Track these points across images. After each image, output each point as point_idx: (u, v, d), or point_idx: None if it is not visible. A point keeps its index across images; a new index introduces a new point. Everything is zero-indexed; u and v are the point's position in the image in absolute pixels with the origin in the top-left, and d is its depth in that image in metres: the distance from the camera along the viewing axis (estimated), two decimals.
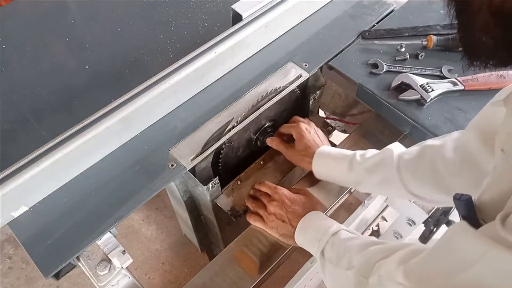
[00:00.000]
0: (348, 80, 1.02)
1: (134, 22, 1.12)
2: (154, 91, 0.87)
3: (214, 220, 1.09)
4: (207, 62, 0.93)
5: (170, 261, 1.86)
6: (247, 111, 0.94)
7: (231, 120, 0.93)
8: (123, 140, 0.90)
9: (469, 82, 0.97)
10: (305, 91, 1.11)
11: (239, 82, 1.00)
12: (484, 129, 0.67)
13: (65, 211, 0.81)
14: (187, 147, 0.88)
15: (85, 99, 0.96)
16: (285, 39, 1.08)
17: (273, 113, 1.04)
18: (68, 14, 1.15)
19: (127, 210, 0.80)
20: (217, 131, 0.91)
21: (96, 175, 0.86)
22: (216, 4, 1.16)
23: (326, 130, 1.16)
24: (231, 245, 0.91)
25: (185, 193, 1.05)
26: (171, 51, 1.05)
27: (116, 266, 0.78)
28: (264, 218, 0.89)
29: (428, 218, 1.10)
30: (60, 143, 0.79)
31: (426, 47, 1.04)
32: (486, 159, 0.67)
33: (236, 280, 0.85)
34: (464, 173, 0.72)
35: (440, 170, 0.75)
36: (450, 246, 0.49)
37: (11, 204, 0.78)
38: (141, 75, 0.96)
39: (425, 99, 0.94)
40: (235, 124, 0.93)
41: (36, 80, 1.00)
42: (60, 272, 0.81)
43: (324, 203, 0.93)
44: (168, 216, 1.98)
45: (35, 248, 0.77)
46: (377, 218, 1.45)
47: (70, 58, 1.05)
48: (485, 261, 0.42)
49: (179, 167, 0.86)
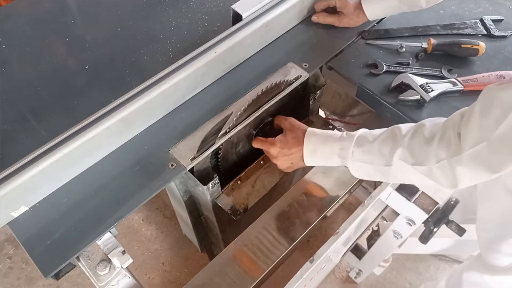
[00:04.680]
0: (348, 80, 1.02)
1: (134, 22, 1.12)
2: (154, 91, 0.87)
3: (214, 220, 1.09)
4: (207, 62, 0.93)
5: (170, 261, 1.86)
6: (247, 106, 0.93)
7: (231, 114, 0.92)
8: (123, 140, 0.90)
9: (468, 82, 0.97)
10: (305, 91, 1.12)
11: (239, 82, 1.00)
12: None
13: (65, 211, 0.81)
14: (187, 147, 0.88)
15: (85, 99, 0.96)
16: (285, 39, 1.09)
17: (273, 107, 1.04)
18: (68, 14, 1.15)
19: (127, 210, 0.80)
20: (216, 126, 0.91)
21: (96, 175, 0.86)
22: (216, 4, 1.16)
23: (326, 130, 1.15)
24: (231, 245, 0.91)
25: (185, 193, 1.05)
26: (171, 51, 1.05)
27: (116, 266, 0.78)
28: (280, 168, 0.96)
29: (428, 218, 1.10)
30: (60, 143, 0.79)
31: (426, 51, 1.05)
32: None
33: (236, 280, 0.85)
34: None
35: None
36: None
37: (11, 204, 0.78)
38: (141, 75, 0.96)
39: (425, 99, 0.95)
40: (232, 126, 0.93)
41: (36, 80, 1.00)
42: (60, 272, 0.81)
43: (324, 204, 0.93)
44: (168, 216, 1.98)
45: (35, 248, 0.77)
46: (377, 218, 1.45)
47: (70, 58, 1.05)
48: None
49: (179, 167, 0.86)
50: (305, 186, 1.00)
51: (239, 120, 0.92)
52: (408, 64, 1.03)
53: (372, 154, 0.81)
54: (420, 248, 1.63)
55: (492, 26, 1.10)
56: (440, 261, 1.90)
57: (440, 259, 1.90)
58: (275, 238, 0.91)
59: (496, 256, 1.12)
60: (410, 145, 0.75)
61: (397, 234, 1.31)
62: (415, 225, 1.24)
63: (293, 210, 0.96)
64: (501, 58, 1.04)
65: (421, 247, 1.52)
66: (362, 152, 0.82)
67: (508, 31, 1.09)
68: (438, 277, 1.85)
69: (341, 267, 1.87)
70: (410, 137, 0.76)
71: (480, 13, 1.14)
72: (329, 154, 0.86)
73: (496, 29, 1.09)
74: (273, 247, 0.90)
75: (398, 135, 0.78)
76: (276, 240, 0.91)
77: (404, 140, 0.76)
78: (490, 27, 1.10)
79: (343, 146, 0.84)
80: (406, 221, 1.16)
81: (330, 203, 0.98)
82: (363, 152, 0.82)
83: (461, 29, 1.10)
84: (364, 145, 0.82)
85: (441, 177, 0.73)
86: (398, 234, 1.31)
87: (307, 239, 1.57)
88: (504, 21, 1.12)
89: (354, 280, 1.82)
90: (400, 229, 1.29)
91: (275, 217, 0.95)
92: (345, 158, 0.84)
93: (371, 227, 1.54)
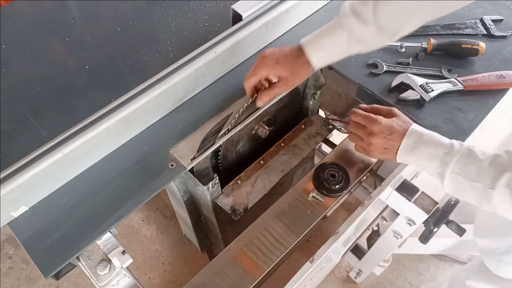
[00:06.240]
0: (348, 80, 1.02)
1: (134, 22, 1.12)
2: (154, 91, 0.87)
3: (214, 220, 1.09)
4: (207, 62, 0.93)
5: (170, 261, 1.86)
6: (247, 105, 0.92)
7: (231, 114, 0.92)
8: (123, 140, 0.90)
9: (468, 82, 0.97)
10: (305, 91, 1.12)
11: (239, 82, 0.99)
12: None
13: (65, 211, 0.81)
14: (187, 147, 0.88)
15: (85, 99, 0.96)
16: (285, 39, 1.09)
17: (274, 107, 1.04)
18: (68, 14, 1.15)
19: (127, 210, 0.80)
20: (216, 126, 0.91)
21: (96, 175, 0.86)
22: (216, 4, 1.16)
23: (326, 129, 1.16)
24: (231, 245, 0.91)
25: (185, 193, 1.05)
26: (171, 51, 1.05)
27: (116, 266, 0.78)
28: (365, 148, 0.89)
29: (428, 218, 1.10)
30: (60, 143, 0.79)
31: (426, 51, 1.05)
32: None
33: (236, 280, 0.85)
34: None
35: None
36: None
37: (11, 204, 0.78)
38: (141, 75, 0.96)
39: (425, 99, 0.95)
40: (232, 126, 0.93)
41: (36, 80, 1.00)
42: (60, 272, 0.81)
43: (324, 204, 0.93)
44: (168, 216, 1.98)
45: (35, 248, 0.77)
46: (377, 218, 1.45)
47: (70, 58, 1.05)
48: None
49: (179, 167, 0.86)
50: (305, 186, 1.00)
51: (239, 120, 0.92)
52: (408, 64, 1.03)
53: (478, 171, 0.73)
54: (420, 248, 1.63)
55: (492, 26, 1.10)
56: (440, 261, 1.90)
57: (440, 259, 1.90)
58: (275, 238, 0.91)
59: (503, 268, 1.10)
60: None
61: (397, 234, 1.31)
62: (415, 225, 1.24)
63: (293, 210, 0.96)
64: (501, 58, 1.04)
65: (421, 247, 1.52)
66: (467, 165, 0.75)
67: (508, 31, 1.09)
68: (438, 277, 1.86)
69: (341, 267, 1.87)
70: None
71: (480, 13, 1.14)
72: (430, 156, 0.79)
73: (496, 29, 1.09)
74: (273, 247, 0.90)
75: (508, 159, 0.71)
76: (276, 240, 0.91)
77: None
78: (490, 27, 1.10)
79: (448, 151, 0.78)
80: (406, 221, 1.16)
81: (330, 203, 0.98)
82: (467, 164, 0.75)
83: (461, 29, 1.10)
84: (472, 157, 0.75)
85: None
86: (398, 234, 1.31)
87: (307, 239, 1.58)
88: (504, 21, 1.12)
89: (354, 280, 1.82)
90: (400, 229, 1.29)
91: (275, 217, 0.95)
92: (446, 165, 0.77)
93: (371, 227, 1.54)
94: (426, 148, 0.80)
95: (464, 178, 0.75)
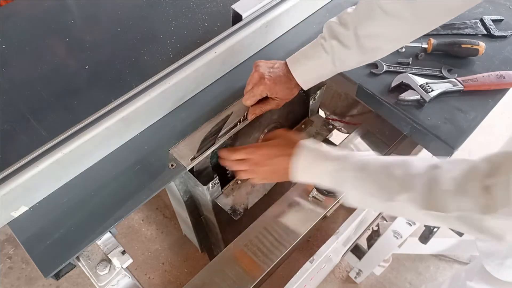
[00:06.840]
0: (348, 80, 1.02)
1: (134, 22, 1.12)
2: (154, 91, 0.87)
3: (214, 220, 1.09)
4: (207, 62, 0.93)
5: (170, 261, 1.86)
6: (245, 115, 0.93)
7: (231, 114, 0.92)
8: (123, 140, 0.90)
9: (468, 82, 0.97)
10: (305, 91, 1.11)
11: (239, 82, 1.00)
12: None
13: (65, 211, 0.81)
14: (187, 147, 0.88)
15: (85, 99, 0.96)
16: (285, 39, 1.09)
17: (277, 115, 1.04)
18: (68, 14, 1.15)
19: (127, 210, 0.80)
20: (216, 126, 0.91)
21: (96, 175, 0.86)
22: (216, 4, 1.16)
23: (326, 129, 1.16)
24: (231, 245, 0.91)
25: (185, 193, 1.05)
26: (171, 51, 1.05)
27: (116, 266, 0.78)
28: (258, 178, 0.86)
29: None
30: (60, 143, 0.79)
31: (426, 51, 1.05)
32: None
33: (236, 280, 0.85)
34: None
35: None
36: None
37: (11, 204, 0.78)
38: (141, 75, 0.96)
39: (425, 99, 0.95)
40: (232, 126, 0.93)
41: (36, 80, 1.00)
42: (60, 272, 0.81)
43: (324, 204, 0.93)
44: (168, 216, 1.98)
45: (35, 248, 0.77)
46: (377, 218, 1.45)
47: (70, 58, 1.05)
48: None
49: (179, 167, 0.86)
50: (305, 186, 1.00)
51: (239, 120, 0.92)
52: (408, 64, 1.03)
53: (371, 184, 0.68)
54: (420, 248, 1.63)
55: (492, 26, 1.10)
56: (440, 261, 1.90)
57: (440, 259, 1.90)
58: (275, 238, 0.91)
59: (505, 272, 1.09)
60: (423, 189, 0.62)
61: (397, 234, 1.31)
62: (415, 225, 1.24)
63: (293, 210, 0.96)
64: (501, 58, 1.04)
65: (421, 247, 1.53)
66: (360, 179, 0.70)
67: (508, 31, 1.09)
68: (438, 277, 1.86)
69: (341, 267, 1.87)
70: (422, 180, 0.63)
71: (480, 13, 1.14)
72: (320, 173, 0.75)
73: (496, 29, 1.09)
74: (273, 247, 0.90)
75: (407, 173, 0.65)
76: (276, 240, 0.91)
77: (415, 182, 0.63)
78: (490, 27, 1.10)
79: (337, 167, 0.73)
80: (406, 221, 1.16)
81: (330, 203, 0.98)
82: (361, 178, 0.70)
83: (461, 29, 1.10)
84: (364, 171, 0.70)
85: (465, 229, 0.61)
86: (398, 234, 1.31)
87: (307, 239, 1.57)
88: (504, 21, 1.12)
89: (354, 280, 1.82)
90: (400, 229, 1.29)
91: (275, 217, 0.95)
92: (338, 182, 0.73)
93: (371, 227, 1.54)
94: (316, 166, 0.75)
95: (360, 193, 0.70)
